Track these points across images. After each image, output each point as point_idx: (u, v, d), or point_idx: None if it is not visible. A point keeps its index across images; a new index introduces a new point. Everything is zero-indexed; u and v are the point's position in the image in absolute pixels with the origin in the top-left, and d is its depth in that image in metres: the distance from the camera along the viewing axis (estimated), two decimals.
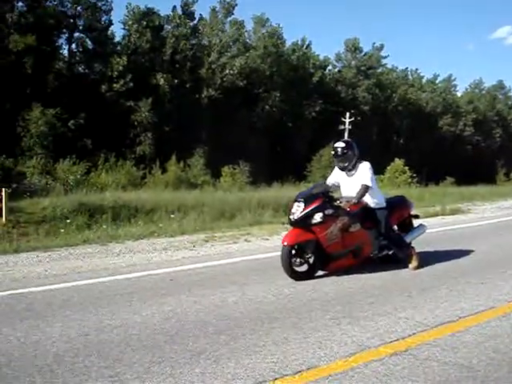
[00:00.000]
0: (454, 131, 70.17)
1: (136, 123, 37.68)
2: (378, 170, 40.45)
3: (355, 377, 4.08)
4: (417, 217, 8.48)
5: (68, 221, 14.31)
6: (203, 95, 45.74)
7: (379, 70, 65.14)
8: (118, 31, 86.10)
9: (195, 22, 50.59)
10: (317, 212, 6.89)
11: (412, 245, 7.92)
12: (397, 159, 40.32)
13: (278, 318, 5.49)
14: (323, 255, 7.00)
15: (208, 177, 31.54)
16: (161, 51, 44.60)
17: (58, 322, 5.36)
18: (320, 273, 7.26)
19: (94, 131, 33.55)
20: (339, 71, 64.02)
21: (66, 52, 43.13)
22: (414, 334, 5.01)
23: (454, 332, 5.06)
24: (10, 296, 6.38)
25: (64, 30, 41.89)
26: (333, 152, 7.52)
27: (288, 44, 57.19)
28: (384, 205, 7.51)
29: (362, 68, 62.86)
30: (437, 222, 14.13)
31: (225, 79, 47.10)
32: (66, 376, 4.08)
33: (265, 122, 48.51)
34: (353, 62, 64.05)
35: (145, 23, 44.39)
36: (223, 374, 4.12)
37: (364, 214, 7.29)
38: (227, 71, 47.23)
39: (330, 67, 64.18)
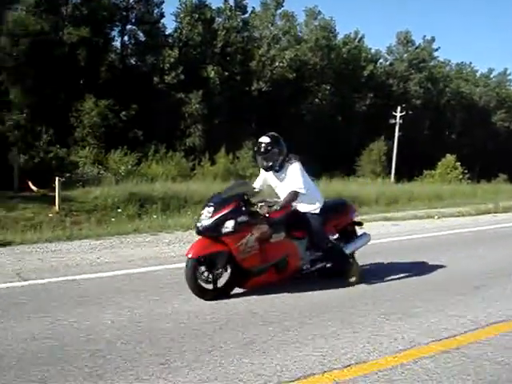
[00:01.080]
0: (507, 127, 68.50)
1: (186, 115, 38.02)
2: (429, 165, 39.99)
3: (405, 373, 4.04)
4: (360, 224, 7.08)
5: (119, 210, 14.57)
6: (253, 88, 45.79)
7: (431, 64, 64.01)
8: (169, 24, 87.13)
9: (246, 14, 50.71)
10: (228, 219, 5.69)
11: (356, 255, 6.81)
12: (448, 155, 39.63)
13: (327, 312, 5.48)
14: (239, 270, 5.86)
15: (256, 169, 31.57)
16: (212, 44, 44.83)
17: (111, 308, 5.46)
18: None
19: (145, 122, 33.99)
20: (391, 64, 63.19)
21: (118, 44, 43.85)
22: (465, 332, 4.94)
23: (507, 332, 4.96)
24: (65, 282, 6.53)
25: (117, 23, 42.52)
26: (256, 148, 6.35)
27: (340, 37, 56.78)
28: (318, 210, 6.28)
29: (414, 61, 61.87)
30: (488, 220, 13.83)
31: (274, 72, 47.04)
32: (117, 362, 4.17)
33: (314, 115, 48.30)
34: (405, 55, 63.12)
35: (196, 16, 44.68)
36: (272, 364, 4.14)
37: (291, 221, 6.17)
38: (277, 63, 47.15)
39: (381, 60, 63.44)
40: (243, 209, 5.85)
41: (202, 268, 5.75)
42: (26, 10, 36.45)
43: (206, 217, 5.77)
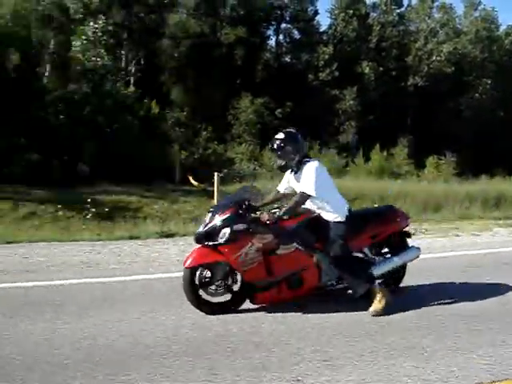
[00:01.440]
0: None
1: (340, 112, 37.93)
2: None
3: None
4: (408, 235, 5.98)
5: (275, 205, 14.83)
6: (408, 83, 44.64)
7: None
8: (323, 21, 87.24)
9: (402, 8, 49.54)
10: (224, 227, 5.17)
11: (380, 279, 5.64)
12: None
13: (495, 318, 5.22)
14: (244, 283, 5.35)
15: (412, 167, 30.76)
16: (366, 39, 44.33)
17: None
18: None
19: (299, 120, 34.29)
20: None
21: (273, 43, 44.65)
22: None
23: None
24: None
25: (272, 22, 43.30)
26: (270, 145, 5.71)
27: (502, 28, 53.63)
28: (342, 218, 5.37)
29: None
30: None
31: (432, 66, 45.46)
32: (281, 355, 4.27)
33: (474, 110, 46.05)
34: None
35: (351, 12, 44.36)
36: (436, 370, 4.02)
37: (309, 230, 5.38)
38: (434, 57, 45.53)
39: None
40: (241, 216, 5.22)
41: (208, 279, 5.31)
42: (186, 13, 38.24)
43: (204, 224, 5.34)
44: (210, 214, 5.37)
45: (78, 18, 29.67)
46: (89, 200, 13.10)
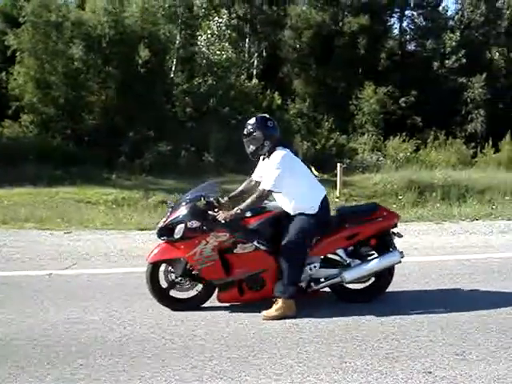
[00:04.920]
0: None
1: (468, 100, 36.41)
2: None
3: None
4: (398, 236, 5.36)
5: (400, 197, 14.57)
6: None
7: None
8: (449, 5, 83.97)
9: None
10: (179, 223, 4.99)
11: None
12: None
13: None
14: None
15: None
16: (496, 24, 42.19)
17: (406, 292, 5.55)
18: None
19: (424, 109, 33.35)
20: None
21: (397, 30, 43.60)
22: None
23: None
24: None
25: (395, 9, 42.29)
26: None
27: None
28: (308, 210, 4.98)
29: None
30: None
31: None
32: (411, 347, 4.23)
33: None
34: None
35: None
36: None
37: (274, 229, 5.05)
38: None
39: None
40: (197, 213, 5.01)
41: (172, 275, 5.18)
42: (307, 3, 38.22)
43: (164, 219, 5.20)
44: (169, 209, 5.30)
45: (203, 14, 30.51)
46: None
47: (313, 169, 19.69)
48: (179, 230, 4.98)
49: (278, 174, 4.93)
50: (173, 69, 27.40)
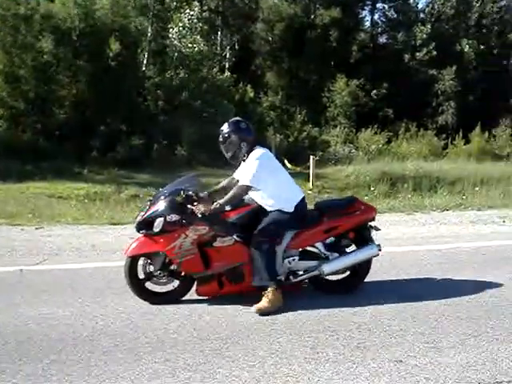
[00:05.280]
0: None
1: (439, 92, 36.81)
2: None
3: None
4: (376, 229, 5.44)
5: (372, 189, 14.69)
6: (511, 60, 42.64)
7: None
8: None
9: None
10: (158, 217, 5.00)
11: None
12: None
13: None
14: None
15: None
16: (466, 16, 42.63)
17: (377, 282, 5.59)
18: None
19: (396, 101, 33.66)
20: None
21: (368, 23, 43.85)
22: None
23: None
24: None
25: (367, 1, 42.52)
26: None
27: None
28: (284, 208, 5.02)
29: None
30: None
31: None
32: (382, 336, 4.28)
33: None
34: None
35: None
36: None
37: (253, 222, 5.04)
38: None
39: None
40: (176, 206, 5.00)
41: (150, 268, 5.18)
42: None
43: (143, 212, 5.17)
44: (148, 203, 5.29)
45: (175, 6, 30.32)
46: None
47: (286, 161, 19.87)
48: (158, 224, 4.96)
49: (256, 169, 4.96)
50: (144, 62, 27.21)
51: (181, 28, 27.54)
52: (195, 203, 5.05)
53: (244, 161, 5.18)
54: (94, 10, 24.68)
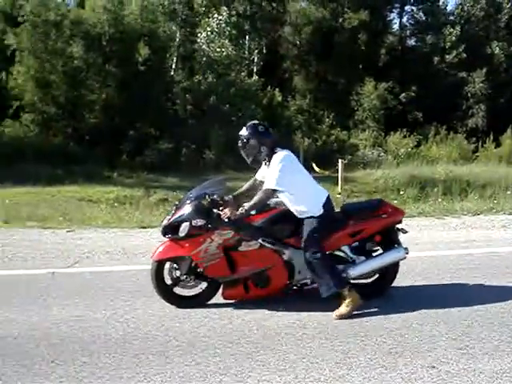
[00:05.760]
0: None
1: (469, 95, 36.38)
2: None
3: None
4: (403, 232, 5.37)
5: (401, 192, 14.57)
6: None
7: None
8: (450, 0, 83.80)
9: None
10: (184, 221, 5.00)
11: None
12: None
13: None
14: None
15: None
16: (496, 18, 42.09)
17: (407, 287, 5.57)
18: None
19: (425, 104, 33.33)
20: None
21: (397, 26, 43.53)
22: None
23: None
24: None
25: (396, 4, 42.22)
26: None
27: None
28: (315, 213, 4.97)
29: None
30: None
31: None
32: (414, 342, 4.23)
33: None
34: None
35: None
36: None
37: (280, 226, 5.08)
38: None
39: None
40: (202, 211, 5.01)
41: (177, 273, 5.19)
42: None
43: (169, 216, 5.19)
44: (174, 207, 5.30)
45: (203, 11, 30.48)
46: None
47: (314, 165, 19.82)
48: (184, 228, 4.98)
49: (280, 171, 4.91)
50: (173, 66, 27.42)
51: (209, 33, 27.70)
52: (221, 207, 5.05)
53: (265, 164, 5.15)
54: (123, 16, 24.95)
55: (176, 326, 4.68)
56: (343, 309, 4.81)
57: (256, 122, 5.34)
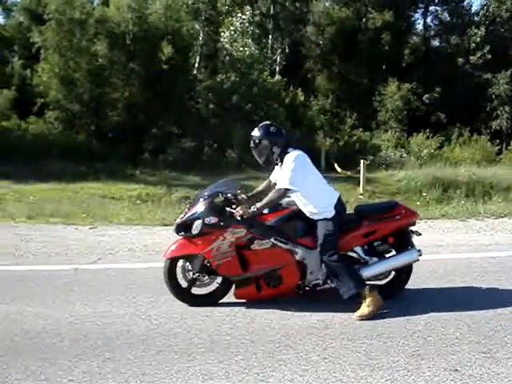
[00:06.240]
0: None
1: (493, 96, 36.01)
2: None
3: None
4: (417, 234, 5.32)
5: (424, 194, 14.47)
6: None
7: None
8: (474, 1, 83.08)
9: None
10: (196, 219, 5.05)
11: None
12: None
13: None
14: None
15: None
16: None
17: (431, 290, 5.54)
18: None
19: (449, 105, 33.04)
20: None
21: (420, 26, 43.21)
22: None
23: None
24: None
25: (420, 5, 41.92)
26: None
27: None
28: (328, 214, 4.98)
29: None
30: None
31: None
32: (437, 345, 4.21)
33: None
34: None
35: None
36: None
37: (292, 226, 5.10)
38: None
39: None
40: (215, 209, 5.07)
41: (190, 274, 5.23)
42: None
43: (183, 214, 5.26)
44: (188, 205, 5.37)
45: (226, 10, 30.52)
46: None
47: (336, 166, 19.76)
48: (197, 226, 5.03)
49: (292, 171, 4.94)
50: (196, 65, 27.46)
51: (232, 32, 27.72)
52: (234, 206, 5.12)
53: (278, 164, 5.18)
54: (147, 15, 25.03)
55: (198, 324, 4.71)
56: (365, 309, 4.81)
57: (268, 122, 5.34)
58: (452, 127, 30.21)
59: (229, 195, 5.22)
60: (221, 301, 5.23)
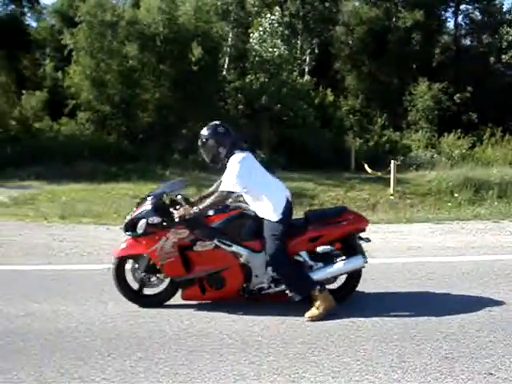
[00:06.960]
0: None
1: None
2: None
3: None
4: (366, 240, 5.23)
5: (456, 195, 14.31)
6: None
7: None
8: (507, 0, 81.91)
9: None
10: (141, 219, 5.06)
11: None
12: None
13: None
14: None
15: None
16: None
17: (464, 292, 5.48)
18: None
19: (480, 105, 32.61)
20: None
21: (451, 25, 42.75)
22: None
23: None
24: (408, 263, 6.69)
25: (451, 4, 41.49)
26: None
27: None
28: (276, 217, 4.95)
29: None
30: None
31: None
32: (471, 347, 4.15)
33: None
34: None
35: None
36: None
37: (238, 228, 5.06)
38: None
39: None
40: (159, 209, 5.07)
41: (139, 273, 5.24)
42: None
43: (130, 214, 5.25)
44: (136, 204, 5.39)
45: (255, 11, 30.54)
46: None
47: (366, 166, 19.66)
48: (141, 226, 5.06)
49: (235, 174, 4.94)
50: (225, 66, 27.54)
51: (261, 32, 27.71)
52: (177, 207, 5.11)
53: (225, 165, 5.15)
54: (177, 16, 25.17)
55: (229, 324, 4.72)
56: (314, 310, 4.82)
57: (217, 122, 5.34)
58: (484, 127, 29.75)
59: (179, 197, 5.26)
60: (251, 303, 5.17)
